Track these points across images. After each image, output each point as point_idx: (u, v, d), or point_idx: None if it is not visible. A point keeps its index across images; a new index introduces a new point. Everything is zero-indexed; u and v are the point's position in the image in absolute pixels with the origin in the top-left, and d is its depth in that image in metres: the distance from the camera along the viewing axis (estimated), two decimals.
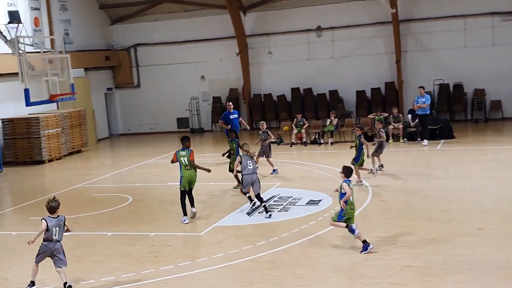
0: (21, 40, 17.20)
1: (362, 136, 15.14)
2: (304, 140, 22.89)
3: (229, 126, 18.71)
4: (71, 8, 28.08)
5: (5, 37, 17.35)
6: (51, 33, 26.20)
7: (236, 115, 19.59)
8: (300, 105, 28.64)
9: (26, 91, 16.10)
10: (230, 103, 20.45)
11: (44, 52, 17.45)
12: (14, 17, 18.70)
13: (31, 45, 17.54)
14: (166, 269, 9.53)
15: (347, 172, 10.09)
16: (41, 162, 22.17)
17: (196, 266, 9.62)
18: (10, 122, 22.57)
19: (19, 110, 22.43)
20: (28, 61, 16.75)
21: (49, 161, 22.50)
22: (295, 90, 28.98)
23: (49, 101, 17.12)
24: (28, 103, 16.31)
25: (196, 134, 29.63)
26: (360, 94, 27.80)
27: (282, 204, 13.54)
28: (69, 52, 26.81)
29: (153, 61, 31.03)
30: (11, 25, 18.32)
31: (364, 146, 14.88)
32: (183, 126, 30.76)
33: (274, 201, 13.85)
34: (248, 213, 12.72)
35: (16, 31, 17.82)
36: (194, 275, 9.24)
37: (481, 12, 26.21)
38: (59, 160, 22.90)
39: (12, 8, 20.64)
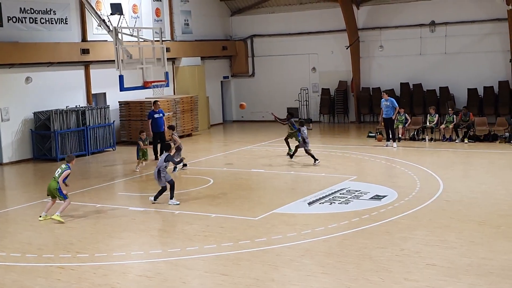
0: (125, 30, 18.88)
1: None
2: (400, 135, 22.87)
3: (150, 132, 19.38)
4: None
5: (108, 27, 19.16)
6: (171, 23, 28.17)
7: (161, 114, 19.81)
8: (409, 100, 28.44)
9: (121, 77, 17.75)
10: (158, 101, 20.51)
11: (141, 41, 18.95)
12: (116, 9, 20.52)
13: (131, 35, 19.15)
14: (209, 247, 10.50)
15: None
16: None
17: (237, 247, 10.50)
18: (126, 105, 24.72)
19: (137, 94, 24.48)
20: (127, 50, 18.39)
21: None
22: (404, 85, 28.80)
23: (143, 87, 18.68)
24: (122, 88, 17.95)
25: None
26: (472, 92, 27.06)
27: (346, 197, 14.03)
28: (188, 42, 29.00)
29: (267, 51, 32.14)
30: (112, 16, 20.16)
31: None
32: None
33: (340, 194, 14.38)
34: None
35: (118, 23, 19.56)
36: (229, 255, 10.12)
37: None
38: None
39: (116, 1, 22.45)
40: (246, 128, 29.42)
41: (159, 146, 19.15)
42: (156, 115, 19.86)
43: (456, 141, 21.93)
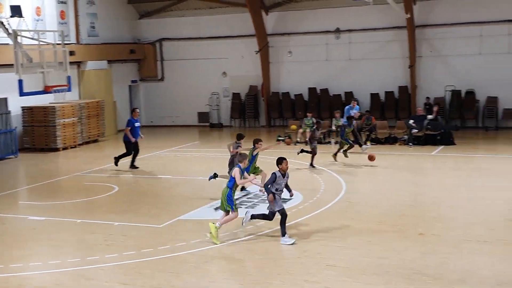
0: (25, 33, 18.26)
1: None
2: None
3: (134, 139, 18.68)
4: (99, 2, 29.22)
5: (7, 30, 18.48)
6: (76, 26, 27.46)
7: (139, 123, 19.25)
8: (317, 105, 29.09)
9: (20, 82, 17.16)
10: (137, 109, 19.86)
11: (42, 45, 18.39)
12: (15, 11, 19.83)
13: (32, 38, 18.56)
14: (110, 257, 10.31)
15: None
16: (56, 149, 23.38)
17: (139, 255, 10.35)
18: (29, 110, 23.85)
19: (41, 99, 23.62)
20: (27, 53, 17.80)
21: (64, 149, 23.68)
22: (312, 90, 29.44)
23: (44, 92, 18.14)
24: (22, 93, 17.39)
25: (215, 129, 30.50)
26: (374, 96, 28.05)
27: (253, 201, 14.14)
28: (94, 45, 28.36)
29: (177, 55, 31.98)
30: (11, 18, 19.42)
31: None
32: (204, 121, 31.60)
33: (247, 198, 14.48)
34: (215, 209, 13.43)
35: (18, 25, 18.92)
36: (130, 264, 9.97)
37: (498, 19, 26.07)
38: (74, 148, 24.08)
39: (15, 3, 21.70)
40: (155, 133, 29.10)
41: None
42: (136, 124, 19.12)
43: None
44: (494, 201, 13.60)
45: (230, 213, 10.97)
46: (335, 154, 19.40)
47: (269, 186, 10.78)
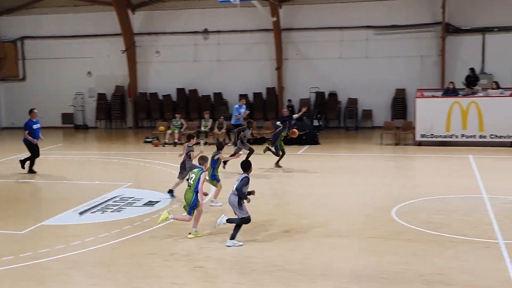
0: None
1: None
2: (176, 140, 23.32)
3: (36, 140, 17.93)
4: None
5: None
6: None
7: (38, 125, 18.56)
8: (185, 105, 29.10)
9: None
10: (35, 110, 18.94)
11: None
12: None
13: None
14: None
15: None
16: None
17: None
18: None
19: None
20: None
21: None
22: (180, 91, 29.41)
23: None
24: None
25: (80, 131, 29.57)
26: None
27: (119, 205, 13.89)
28: None
29: (40, 54, 30.72)
30: None
31: None
32: (68, 122, 30.59)
33: (113, 201, 14.19)
34: (81, 213, 13.05)
35: None
36: None
37: (357, 25, 27.48)
38: None
39: None
40: (17, 135, 27.66)
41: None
42: (35, 126, 17.83)
43: (229, 144, 22.92)
44: (353, 197, 14.33)
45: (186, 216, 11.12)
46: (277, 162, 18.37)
47: (243, 190, 10.53)
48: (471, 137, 21.61)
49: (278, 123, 23.07)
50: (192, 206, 10.98)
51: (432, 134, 21.92)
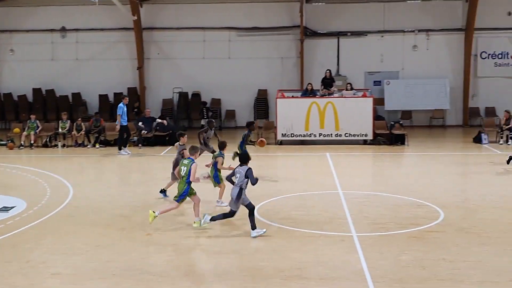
0: None
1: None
2: (32, 142, 22.28)
3: None
4: None
5: None
6: None
7: None
8: (42, 106, 27.88)
9: None
10: None
11: None
12: None
13: None
14: None
15: None
16: None
17: None
18: None
19: None
20: None
21: None
22: (37, 91, 28.14)
23: None
24: None
25: None
26: (103, 98, 27.83)
27: None
28: None
29: None
30: None
31: None
32: None
33: None
34: None
35: None
36: None
37: (219, 26, 27.78)
38: None
39: None
40: None
41: None
42: None
43: (88, 146, 22.29)
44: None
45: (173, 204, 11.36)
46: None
47: (255, 179, 10.76)
48: (328, 136, 22.59)
49: (140, 123, 22.81)
50: (183, 195, 11.13)
51: (292, 134, 22.65)
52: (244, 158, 11.13)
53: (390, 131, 22.97)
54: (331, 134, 22.64)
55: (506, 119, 22.73)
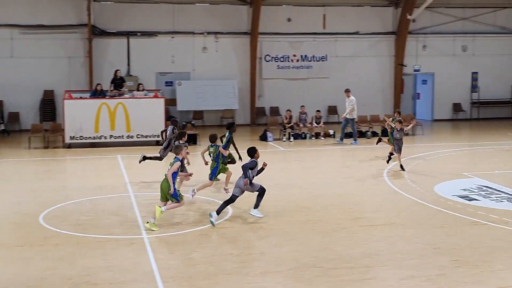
0: None
1: None
2: None
3: None
4: None
5: None
6: None
7: None
8: None
9: None
10: None
11: None
12: None
13: None
14: None
15: None
16: None
17: None
18: None
19: None
20: None
21: None
22: None
23: None
24: None
25: None
26: None
27: None
28: None
29: None
30: None
31: None
32: None
33: None
34: None
35: None
36: None
37: (0, 23, 26.06)
38: None
39: None
40: None
41: None
42: None
43: None
44: (0, 205, 13.54)
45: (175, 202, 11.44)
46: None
47: (248, 171, 11.69)
48: (119, 137, 22.29)
49: None
50: (174, 195, 11.34)
51: (81, 136, 21.97)
52: (250, 152, 12.09)
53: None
54: (123, 136, 22.38)
55: (289, 118, 24.33)
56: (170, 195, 11.38)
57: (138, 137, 22.46)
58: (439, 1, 28.93)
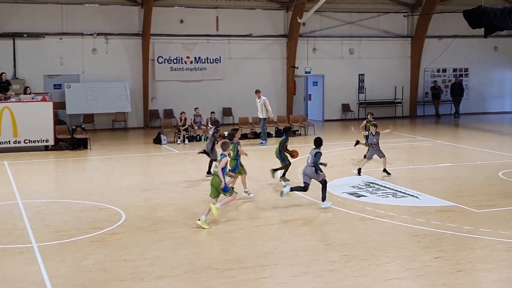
0: None
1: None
2: None
3: None
4: None
5: None
6: None
7: None
8: None
9: None
10: None
11: None
12: None
13: None
14: None
15: None
16: None
17: None
18: None
19: None
20: None
21: None
22: None
23: None
24: None
25: None
26: None
27: None
28: None
29: None
30: None
31: None
32: None
33: None
34: None
35: None
36: None
37: None
38: None
39: None
40: None
41: None
42: None
43: None
44: None
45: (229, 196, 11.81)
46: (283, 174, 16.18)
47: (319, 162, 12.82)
48: (5, 143, 21.33)
49: None
50: (226, 189, 11.63)
51: None
52: (317, 142, 13.10)
53: (72, 135, 22.68)
54: (9, 141, 21.42)
55: (183, 120, 24.26)
56: (222, 190, 11.68)
57: (26, 142, 21.59)
58: (328, 6, 29.83)
